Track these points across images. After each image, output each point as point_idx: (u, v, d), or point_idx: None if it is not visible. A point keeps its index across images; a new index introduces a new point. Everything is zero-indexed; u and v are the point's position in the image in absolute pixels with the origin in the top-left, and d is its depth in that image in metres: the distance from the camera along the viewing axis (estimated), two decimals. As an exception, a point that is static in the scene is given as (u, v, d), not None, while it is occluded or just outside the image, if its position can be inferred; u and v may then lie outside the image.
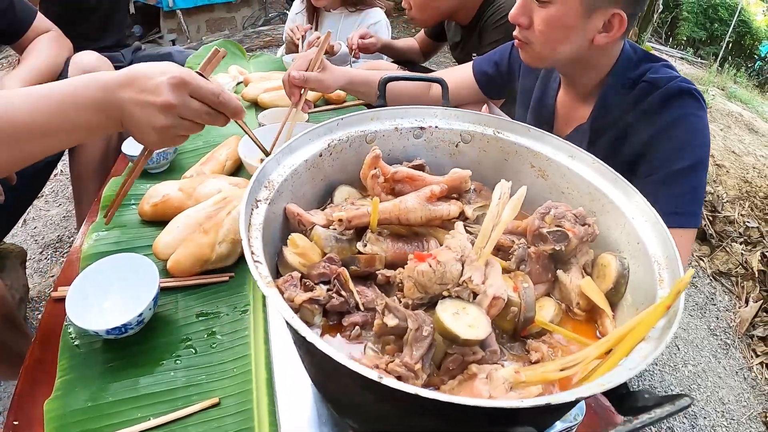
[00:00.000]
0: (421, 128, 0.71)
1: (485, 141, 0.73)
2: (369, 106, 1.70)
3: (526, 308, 0.54)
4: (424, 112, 0.71)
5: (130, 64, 2.00)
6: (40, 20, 1.51)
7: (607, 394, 0.40)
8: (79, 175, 1.66)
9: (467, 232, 0.60)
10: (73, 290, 0.81)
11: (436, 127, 0.72)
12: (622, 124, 1.03)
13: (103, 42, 1.93)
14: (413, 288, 0.50)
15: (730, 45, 9.31)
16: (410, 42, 2.15)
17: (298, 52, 1.98)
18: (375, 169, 0.63)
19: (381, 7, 2.22)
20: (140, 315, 0.77)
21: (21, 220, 2.32)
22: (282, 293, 0.53)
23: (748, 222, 3.47)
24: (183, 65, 1.96)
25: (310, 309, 0.54)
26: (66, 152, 1.62)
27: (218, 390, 0.73)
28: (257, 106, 1.61)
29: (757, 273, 2.71)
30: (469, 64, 1.42)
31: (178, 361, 0.77)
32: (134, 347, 0.79)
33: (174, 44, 4.56)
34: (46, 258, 2.24)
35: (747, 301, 2.57)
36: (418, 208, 0.58)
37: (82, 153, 1.62)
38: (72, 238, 2.32)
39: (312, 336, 0.39)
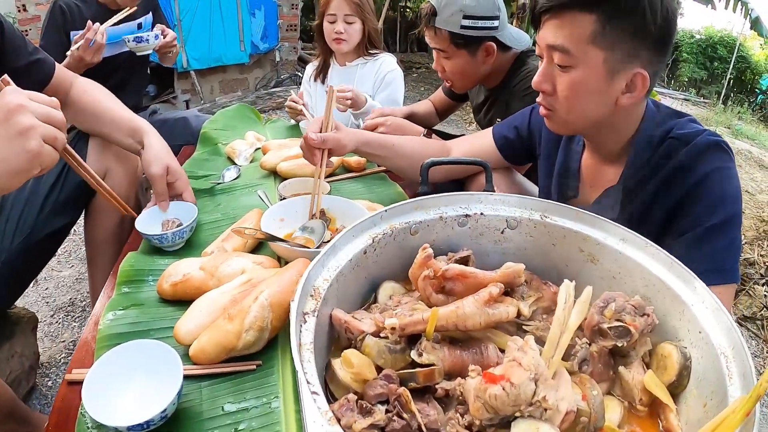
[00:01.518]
0: (466, 215, 0.68)
1: (532, 226, 0.70)
2: (389, 173, 1.64)
3: (596, 417, 0.51)
4: (468, 198, 0.69)
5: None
6: (61, 71, 1.39)
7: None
8: (94, 240, 1.65)
9: (523, 330, 0.56)
10: (90, 379, 0.77)
11: (482, 213, 0.69)
12: (654, 182, 1.00)
13: (121, 104, 1.94)
14: (482, 409, 0.47)
15: (732, 81, 9.44)
16: (427, 106, 2.15)
17: (306, 118, 1.97)
18: (428, 269, 0.59)
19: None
20: (164, 411, 0.73)
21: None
22: (339, 420, 0.48)
23: (768, 262, 3.38)
24: (199, 130, 1.97)
25: None
26: (82, 215, 1.60)
27: (250, 497, 0.67)
28: (275, 174, 1.57)
29: (781, 315, 2.62)
30: (489, 129, 1.41)
31: (204, 461, 0.72)
32: (156, 443, 0.74)
33: (188, 105, 4.65)
34: (57, 321, 2.19)
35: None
36: (477, 313, 0.55)
37: (98, 218, 1.61)
38: (84, 302, 2.28)
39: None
